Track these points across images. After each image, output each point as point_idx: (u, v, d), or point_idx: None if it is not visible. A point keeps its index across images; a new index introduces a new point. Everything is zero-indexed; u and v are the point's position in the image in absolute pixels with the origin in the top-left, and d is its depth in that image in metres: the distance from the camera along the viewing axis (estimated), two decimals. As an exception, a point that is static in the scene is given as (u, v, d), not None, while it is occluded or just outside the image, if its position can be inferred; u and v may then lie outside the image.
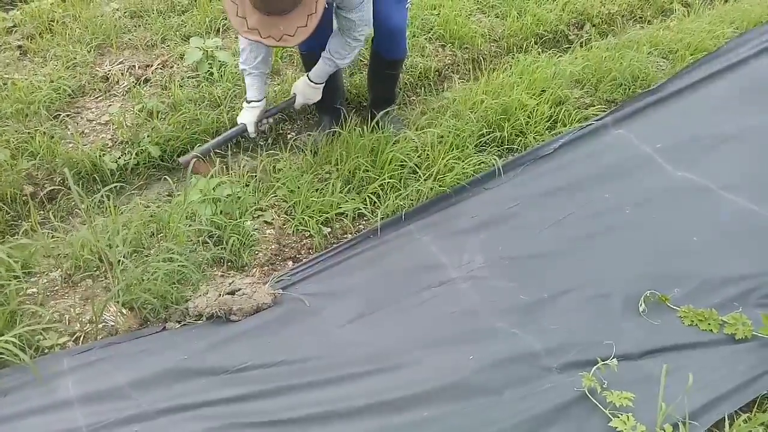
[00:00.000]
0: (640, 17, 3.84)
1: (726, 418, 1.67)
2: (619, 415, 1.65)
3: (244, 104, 2.48)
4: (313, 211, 2.31)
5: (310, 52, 2.51)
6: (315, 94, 2.51)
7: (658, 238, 2.23)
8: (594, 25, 3.66)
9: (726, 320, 1.91)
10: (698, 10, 3.85)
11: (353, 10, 2.22)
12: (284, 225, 2.32)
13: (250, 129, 2.48)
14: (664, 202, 2.38)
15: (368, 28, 2.33)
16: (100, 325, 1.91)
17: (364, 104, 2.95)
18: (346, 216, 2.34)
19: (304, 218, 2.30)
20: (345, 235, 2.31)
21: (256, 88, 2.44)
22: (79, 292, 2.03)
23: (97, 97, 2.89)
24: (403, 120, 2.85)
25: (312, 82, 2.46)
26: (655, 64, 3.26)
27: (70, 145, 2.59)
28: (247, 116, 2.47)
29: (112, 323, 1.93)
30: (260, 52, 2.37)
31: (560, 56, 3.24)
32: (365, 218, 2.38)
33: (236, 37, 3.27)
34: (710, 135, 2.70)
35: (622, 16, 3.79)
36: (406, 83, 3.13)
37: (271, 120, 2.57)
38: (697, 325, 1.93)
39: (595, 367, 1.77)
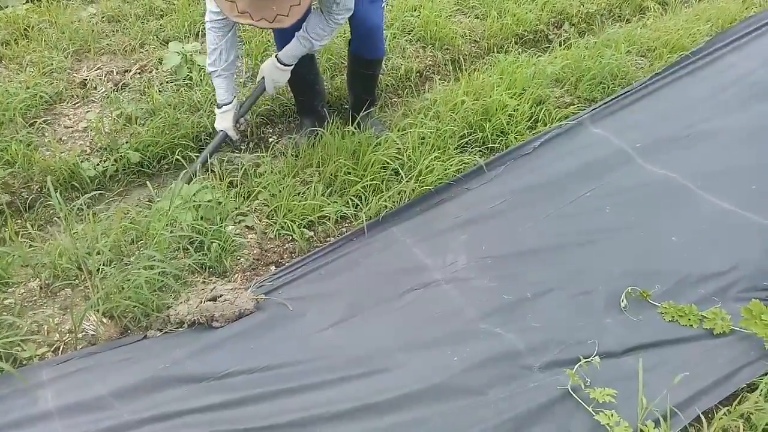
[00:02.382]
0: (619, 16, 3.88)
1: (705, 412, 1.69)
2: (603, 412, 1.66)
3: (216, 110, 2.43)
4: (295, 214, 2.30)
5: None
6: (283, 77, 2.40)
7: (637, 236, 2.26)
8: (573, 25, 3.69)
9: (705, 315, 1.94)
10: (675, 8, 3.89)
11: None
12: (266, 229, 2.31)
13: (231, 134, 2.45)
14: (643, 200, 2.41)
15: (349, 13, 2.27)
16: (80, 335, 1.89)
17: (346, 107, 2.95)
18: (329, 219, 2.33)
19: (286, 222, 2.29)
20: (328, 239, 2.30)
21: (226, 89, 2.39)
22: (58, 301, 2.00)
23: (74, 104, 2.86)
24: (385, 122, 2.86)
25: (281, 63, 2.36)
26: (634, 63, 3.29)
27: (48, 153, 2.56)
28: (223, 122, 2.43)
29: (92, 333, 1.90)
30: (231, 53, 2.32)
31: (540, 56, 3.26)
32: (348, 221, 2.38)
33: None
34: (688, 134, 2.73)
35: (601, 15, 3.83)
36: (387, 85, 3.13)
37: (247, 117, 2.51)
38: (677, 320, 1.95)
39: (578, 364, 1.78)
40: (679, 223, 2.30)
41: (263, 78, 2.43)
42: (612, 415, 1.65)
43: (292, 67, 2.39)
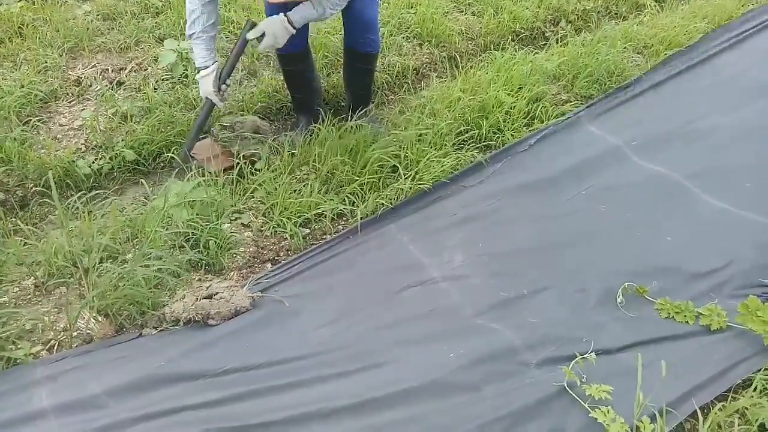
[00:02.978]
0: (615, 13, 3.87)
1: (701, 408, 1.69)
2: (599, 408, 1.66)
3: (197, 77, 2.34)
4: (292, 212, 2.30)
5: (290, 52, 2.49)
6: (285, 38, 2.27)
7: (633, 234, 2.26)
8: (570, 22, 3.69)
9: (701, 312, 1.94)
10: (671, 5, 3.89)
11: None
12: (262, 227, 2.30)
13: (215, 100, 2.35)
14: (639, 198, 2.41)
15: None
16: (75, 333, 1.88)
17: (342, 104, 2.94)
18: (325, 217, 2.32)
19: (282, 220, 2.28)
20: (324, 236, 2.29)
21: (205, 51, 2.30)
22: (53, 300, 1.99)
23: (69, 102, 2.85)
24: (382, 119, 2.85)
25: (290, 24, 2.24)
26: (630, 60, 3.29)
27: (43, 151, 2.55)
28: (205, 87, 2.33)
29: (88, 331, 1.90)
30: (211, 17, 2.28)
31: (536, 53, 3.25)
32: (344, 218, 2.37)
33: (211, 39, 3.24)
34: (684, 131, 2.74)
35: (598, 12, 3.82)
36: (383, 82, 3.12)
37: (229, 81, 2.39)
38: (673, 317, 1.95)
39: (574, 361, 1.78)
40: (675, 220, 2.30)
41: (249, 34, 2.28)
42: (608, 411, 1.65)
43: (294, 32, 2.28)
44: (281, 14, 2.25)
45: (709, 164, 2.55)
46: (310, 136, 2.60)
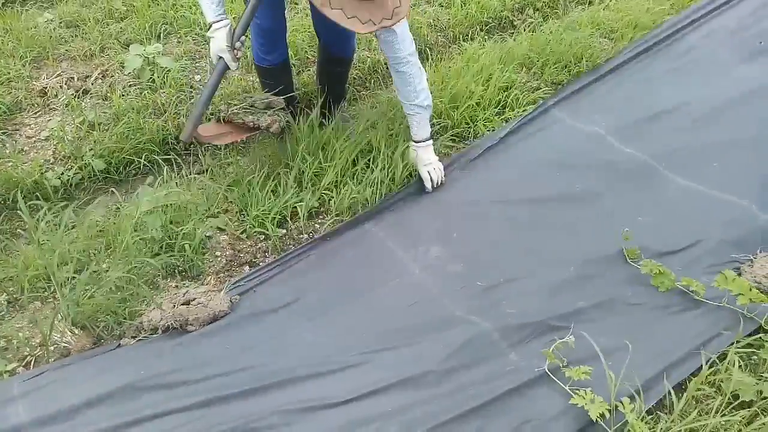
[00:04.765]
0: (581, -2, 3.90)
1: (679, 383, 1.72)
2: (578, 390, 1.68)
3: (208, 33, 2.15)
4: (267, 213, 2.28)
5: (270, 65, 2.47)
6: (432, 153, 2.42)
7: (606, 217, 2.29)
8: (537, 9, 3.70)
9: (681, 284, 1.97)
10: (636, -11, 3.92)
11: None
12: (238, 230, 2.29)
13: (228, 58, 2.10)
14: (610, 181, 2.44)
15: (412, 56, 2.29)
16: (52, 348, 1.85)
17: (314, 102, 2.92)
18: (300, 216, 2.32)
19: (258, 221, 2.27)
20: (301, 236, 2.29)
21: (215, 3, 2.09)
22: (27, 315, 1.96)
23: (35, 113, 2.80)
24: (353, 115, 2.84)
25: (424, 142, 2.39)
26: (598, 44, 3.32)
27: (9, 164, 2.50)
28: (218, 43, 2.09)
29: (64, 344, 1.87)
30: None
31: (505, 42, 3.27)
32: (320, 216, 2.37)
33: (178, 42, 3.21)
34: (652, 114, 2.76)
35: (564, -2, 3.84)
36: (355, 78, 3.11)
37: (243, 39, 2.13)
38: (653, 276, 2.00)
39: (553, 346, 1.80)
40: (646, 201, 2.34)
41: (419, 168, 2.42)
42: (587, 393, 1.67)
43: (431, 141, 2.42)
44: (428, 143, 2.40)
45: (677, 145, 2.59)
46: (282, 137, 2.58)
